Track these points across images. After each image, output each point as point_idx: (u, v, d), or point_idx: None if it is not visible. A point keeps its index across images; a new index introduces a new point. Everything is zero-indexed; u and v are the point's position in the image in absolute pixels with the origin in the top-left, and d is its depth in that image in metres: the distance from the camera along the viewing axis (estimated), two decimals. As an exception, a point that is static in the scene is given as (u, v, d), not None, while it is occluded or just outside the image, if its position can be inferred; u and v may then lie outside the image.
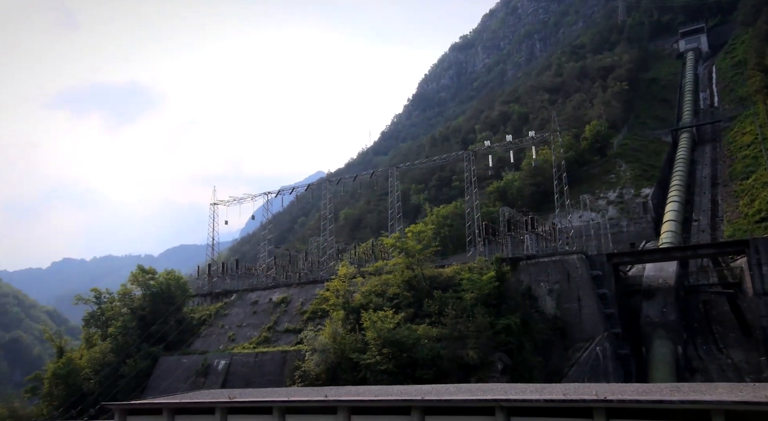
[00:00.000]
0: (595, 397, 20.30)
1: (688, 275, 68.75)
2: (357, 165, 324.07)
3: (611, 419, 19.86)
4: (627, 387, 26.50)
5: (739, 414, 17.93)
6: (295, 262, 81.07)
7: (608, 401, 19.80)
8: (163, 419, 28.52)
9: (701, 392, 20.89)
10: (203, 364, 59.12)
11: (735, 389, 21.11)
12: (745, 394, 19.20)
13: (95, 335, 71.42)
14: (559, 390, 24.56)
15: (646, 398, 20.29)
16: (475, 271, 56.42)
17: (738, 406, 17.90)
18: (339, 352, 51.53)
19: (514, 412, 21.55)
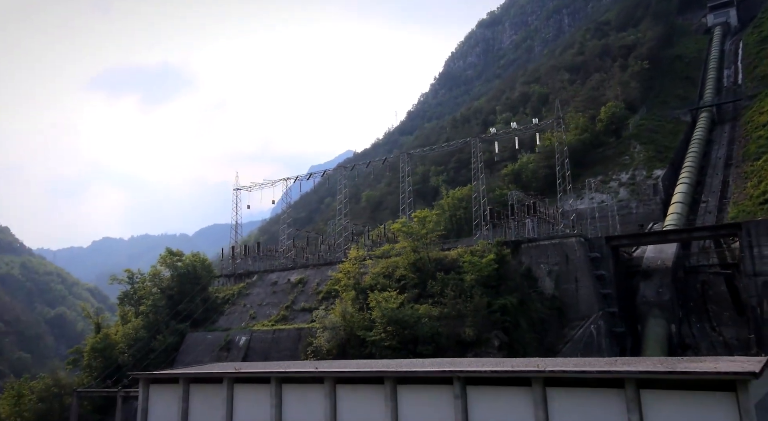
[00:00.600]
0: (533, 368, 23.76)
1: (690, 256, 70.83)
2: (383, 145, 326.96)
3: (547, 386, 23.32)
4: (569, 360, 29.79)
5: (647, 381, 21.23)
6: (313, 244, 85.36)
7: (541, 372, 23.23)
8: (179, 387, 33.04)
9: (629, 364, 24.17)
10: (226, 340, 64.06)
11: (657, 363, 24.30)
12: (659, 366, 22.43)
13: (129, 313, 77.06)
14: (509, 363, 28.06)
15: (572, 368, 23.65)
16: (476, 254, 59.68)
17: (642, 375, 21.18)
18: (348, 329, 55.58)
19: (469, 381, 25.17)
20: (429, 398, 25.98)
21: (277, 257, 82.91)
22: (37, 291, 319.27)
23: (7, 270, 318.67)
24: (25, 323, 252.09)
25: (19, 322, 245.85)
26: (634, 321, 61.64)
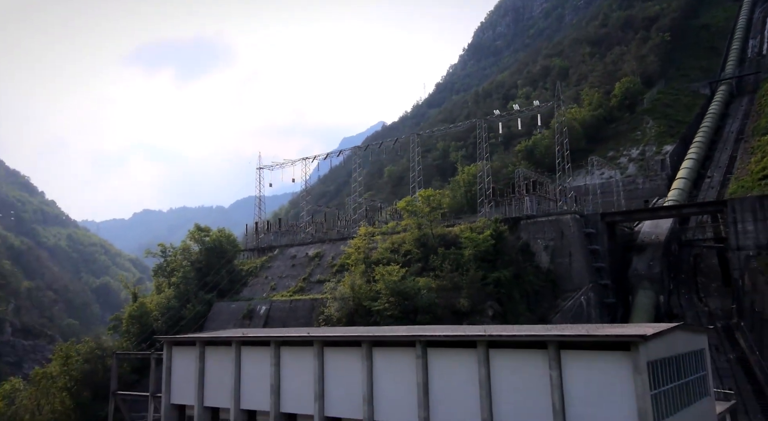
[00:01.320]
0: (479, 333, 28.39)
1: (686, 231, 73.82)
2: (410, 118, 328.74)
3: (490, 348, 27.96)
4: (513, 327, 34.27)
5: (565, 343, 25.65)
6: (331, 220, 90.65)
7: (484, 336, 27.80)
8: (196, 349, 38.78)
9: (558, 330, 28.55)
10: (248, 309, 70.24)
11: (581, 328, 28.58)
12: (580, 331, 26.81)
13: (163, 283, 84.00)
14: (462, 330, 32.67)
15: (508, 333, 28.19)
16: (476, 230, 64.11)
17: (560, 338, 25.57)
18: (356, 300, 60.82)
19: (429, 344, 29.96)
20: (397, 357, 30.89)
21: (297, 232, 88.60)
22: (82, 262, 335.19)
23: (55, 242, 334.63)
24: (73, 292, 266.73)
25: (67, 291, 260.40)
26: (626, 292, 65.50)
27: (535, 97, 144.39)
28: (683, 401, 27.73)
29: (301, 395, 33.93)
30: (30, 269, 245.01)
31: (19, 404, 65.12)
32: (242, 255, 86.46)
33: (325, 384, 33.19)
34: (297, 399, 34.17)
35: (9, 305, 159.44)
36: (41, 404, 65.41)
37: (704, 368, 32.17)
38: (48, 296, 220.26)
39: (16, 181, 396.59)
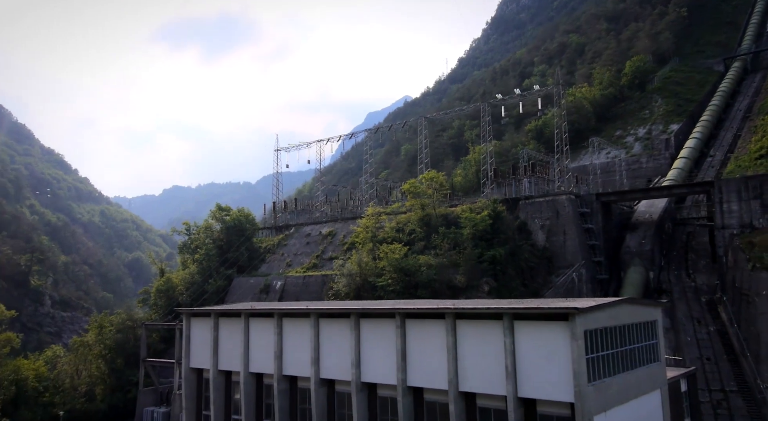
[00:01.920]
0: (447, 306, 32.65)
1: (682, 210, 76.57)
2: (432, 94, 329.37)
3: (457, 319, 32.23)
4: (480, 301, 38.38)
5: (516, 315, 29.77)
6: (345, 199, 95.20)
7: (449, 309, 32.04)
8: (211, 320, 43.91)
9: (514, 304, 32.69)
10: (265, 284, 75.61)
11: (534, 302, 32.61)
12: (531, 304, 30.90)
13: (188, 260, 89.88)
14: (435, 303, 36.94)
15: (470, 306, 32.36)
16: (475, 210, 68.06)
17: (512, 310, 29.69)
18: (363, 276, 65.50)
19: (407, 316, 34.35)
20: (380, 328, 35.34)
21: (312, 212, 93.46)
22: (115, 237, 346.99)
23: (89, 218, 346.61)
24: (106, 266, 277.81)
25: (101, 265, 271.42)
26: (619, 269, 69.01)
27: (551, 74, 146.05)
28: (625, 366, 31.77)
29: (300, 360, 38.81)
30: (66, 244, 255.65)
31: (60, 369, 71.87)
32: (261, 233, 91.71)
33: (320, 351, 37.99)
34: (297, 364, 39.08)
35: (48, 279, 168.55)
36: (79, 369, 72.14)
37: (655, 338, 36.04)
38: (84, 270, 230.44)
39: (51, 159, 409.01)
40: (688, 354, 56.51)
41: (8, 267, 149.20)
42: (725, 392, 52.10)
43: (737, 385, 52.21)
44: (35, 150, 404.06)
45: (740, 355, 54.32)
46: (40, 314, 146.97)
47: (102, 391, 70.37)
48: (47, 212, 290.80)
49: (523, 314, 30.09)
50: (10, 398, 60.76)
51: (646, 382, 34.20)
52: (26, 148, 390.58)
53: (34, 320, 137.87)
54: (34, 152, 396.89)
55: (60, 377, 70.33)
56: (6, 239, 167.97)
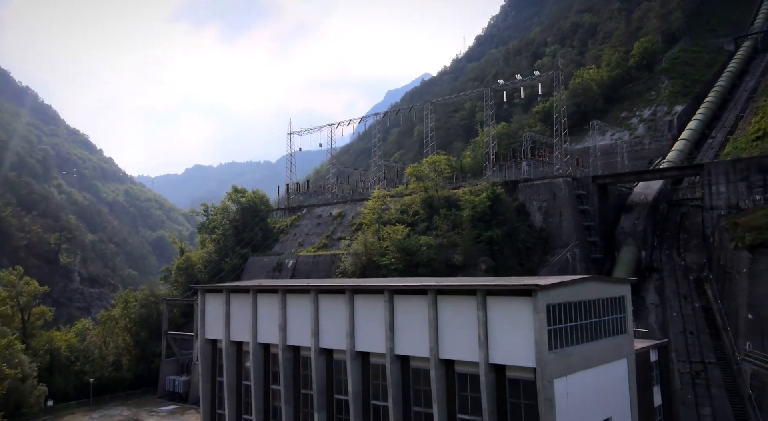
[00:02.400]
0: (429, 283, 36.40)
1: (678, 191, 79.01)
2: (449, 73, 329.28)
3: (438, 294, 35.98)
4: (461, 279, 42.00)
5: (488, 291, 33.42)
6: (355, 181, 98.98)
7: (431, 285, 35.78)
8: (223, 295, 48.33)
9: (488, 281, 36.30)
10: (278, 262, 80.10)
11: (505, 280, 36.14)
12: (501, 282, 34.51)
13: (207, 239, 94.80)
14: (419, 281, 40.70)
15: (449, 283, 36.04)
16: (475, 193, 71.43)
17: (484, 286, 33.36)
18: (368, 255, 69.56)
19: (395, 292, 38.17)
20: (371, 302, 39.21)
21: (324, 193, 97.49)
22: (140, 216, 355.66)
23: (114, 197, 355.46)
24: (132, 244, 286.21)
25: (126, 243, 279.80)
26: (614, 248, 72.03)
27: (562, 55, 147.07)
28: (588, 336, 35.35)
29: (302, 332, 43.02)
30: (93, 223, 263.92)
31: (89, 341, 77.57)
32: (275, 214, 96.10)
33: (319, 323, 42.14)
34: (299, 335, 43.29)
35: (76, 257, 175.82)
36: (107, 341, 77.78)
37: (623, 312, 39.43)
38: (110, 248, 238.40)
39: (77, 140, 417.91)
40: (672, 328, 59.84)
41: (39, 245, 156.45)
42: (704, 363, 55.47)
43: (716, 357, 55.52)
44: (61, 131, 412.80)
45: (721, 329, 57.46)
46: (69, 289, 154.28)
47: (128, 361, 75.99)
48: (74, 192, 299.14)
49: (493, 290, 33.76)
50: (45, 365, 66.38)
51: (611, 351, 37.76)
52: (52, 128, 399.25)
53: (64, 296, 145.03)
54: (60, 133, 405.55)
55: (89, 348, 76.02)
56: (36, 218, 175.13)
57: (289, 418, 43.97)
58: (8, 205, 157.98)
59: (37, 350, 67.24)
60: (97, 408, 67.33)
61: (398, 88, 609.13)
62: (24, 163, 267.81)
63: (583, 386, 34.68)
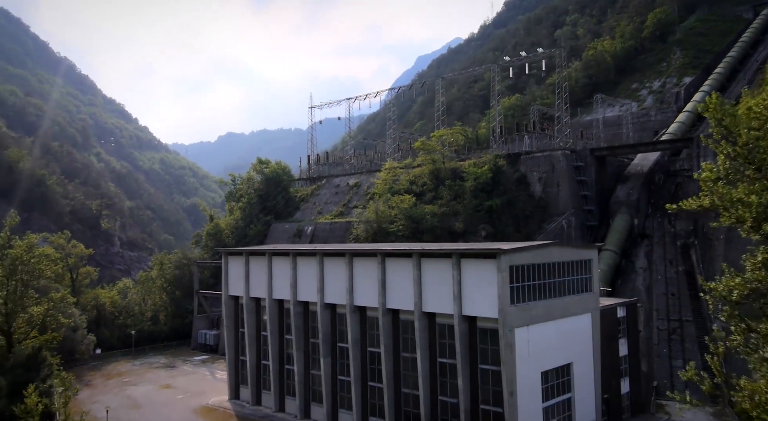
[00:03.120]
0: (414, 248, 42.22)
1: (676, 162, 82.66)
2: (477, 40, 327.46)
3: (422, 257, 41.86)
4: (438, 245, 47.71)
5: (462, 254, 39.15)
6: (372, 152, 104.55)
7: (414, 249, 41.61)
8: (243, 258, 55.08)
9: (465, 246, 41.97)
10: (298, 229, 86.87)
11: (476, 245, 41.70)
12: (474, 246, 40.13)
13: (234, 207, 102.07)
14: (407, 245, 46.52)
15: (429, 247, 41.81)
16: (478, 165, 76.51)
17: (457, 251, 39.09)
18: (378, 223, 75.62)
19: (387, 255, 44.17)
20: (367, 264, 45.29)
21: (342, 164, 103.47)
22: (174, 183, 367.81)
23: (150, 165, 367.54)
24: (167, 211, 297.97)
25: (162, 210, 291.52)
26: (608, 217, 76.62)
27: (582, 24, 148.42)
28: (551, 293, 40.98)
29: (310, 289, 49.58)
30: (130, 190, 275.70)
31: (130, 298, 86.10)
32: (297, 183, 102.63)
33: (324, 282, 48.59)
34: (308, 292, 49.87)
35: (116, 222, 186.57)
36: (145, 298, 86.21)
37: (588, 273, 44.85)
38: (147, 214, 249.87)
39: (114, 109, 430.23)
40: (656, 290, 64.89)
41: (82, 211, 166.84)
42: (681, 321, 60.61)
43: (693, 316, 60.57)
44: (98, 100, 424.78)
45: (701, 291, 62.19)
46: (111, 253, 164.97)
47: (164, 316, 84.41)
48: (112, 160, 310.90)
49: (466, 254, 39.56)
50: (93, 319, 74.92)
51: (575, 306, 43.40)
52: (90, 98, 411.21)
53: (106, 259, 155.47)
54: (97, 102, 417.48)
55: (130, 305, 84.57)
56: (78, 185, 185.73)
57: (300, 363, 50.96)
58: (53, 173, 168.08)
59: (85, 306, 75.71)
60: (138, 357, 75.94)
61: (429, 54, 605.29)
62: (65, 133, 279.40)
63: (544, 334, 40.50)
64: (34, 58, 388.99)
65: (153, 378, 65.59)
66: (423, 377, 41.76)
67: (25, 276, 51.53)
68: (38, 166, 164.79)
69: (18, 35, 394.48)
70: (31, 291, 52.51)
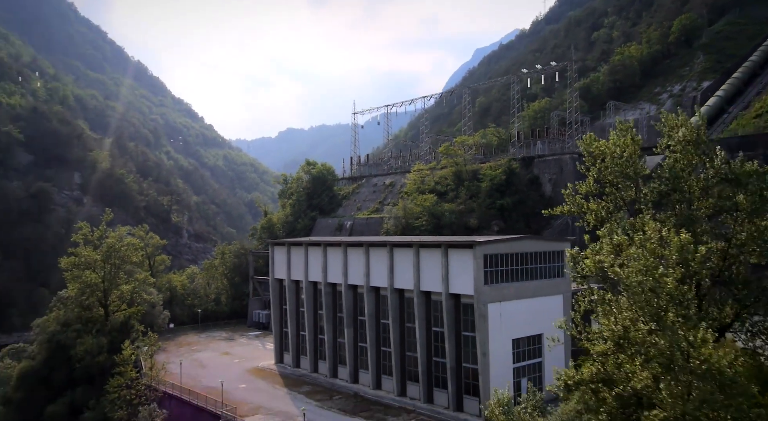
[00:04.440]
0: (414, 240, 53.02)
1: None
2: (528, 36, 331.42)
3: (420, 248, 52.67)
4: (433, 238, 57.98)
5: (449, 245, 49.78)
6: (407, 152, 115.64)
7: (415, 241, 52.52)
8: (285, 248, 67.24)
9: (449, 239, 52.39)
10: (339, 223, 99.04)
11: (462, 239, 52.00)
12: (458, 239, 50.57)
13: (286, 203, 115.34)
14: (410, 239, 57.25)
15: (429, 240, 52.50)
16: (494, 168, 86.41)
17: (446, 242, 49.70)
18: (406, 219, 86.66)
19: (394, 245, 55.20)
20: (380, 253, 56.41)
21: (381, 165, 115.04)
22: (237, 179, 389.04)
23: (214, 162, 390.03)
24: (230, 205, 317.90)
25: (226, 204, 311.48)
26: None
27: (618, 27, 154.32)
28: (523, 277, 51.15)
29: (336, 272, 61.27)
30: (196, 186, 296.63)
31: (196, 283, 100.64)
32: (340, 182, 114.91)
33: (347, 267, 60.20)
34: (335, 274, 61.56)
35: (185, 216, 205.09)
36: (209, 283, 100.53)
37: (561, 261, 54.63)
38: (211, 209, 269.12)
39: (182, 109, 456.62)
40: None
41: (155, 206, 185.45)
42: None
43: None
44: (168, 101, 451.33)
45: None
46: (180, 244, 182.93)
47: (225, 298, 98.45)
48: (180, 157, 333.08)
49: (452, 245, 50.32)
50: (167, 299, 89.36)
51: (548, 288, 53.34)
52: (160, 99, 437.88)
53: (176, 249, 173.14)
54: (167, 103, 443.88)
55: (197, 288, 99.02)
56: (152, 183, 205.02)
57: (329, 333, 62.87)
58: (130, 172, 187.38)
59: (161, 287, 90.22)
60: (203, 331, 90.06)
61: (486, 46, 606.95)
62: (139, 133, 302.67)
63: (516, 309, 50.79)
64: (111, 62, 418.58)
65: (215, 347, 79.25)
66: (420, 342, 52.82)
67: (117, 261, 65.77)
68: (117, 166, 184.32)
69: (97, 42, 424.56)
70: (122, 273, 66.73)
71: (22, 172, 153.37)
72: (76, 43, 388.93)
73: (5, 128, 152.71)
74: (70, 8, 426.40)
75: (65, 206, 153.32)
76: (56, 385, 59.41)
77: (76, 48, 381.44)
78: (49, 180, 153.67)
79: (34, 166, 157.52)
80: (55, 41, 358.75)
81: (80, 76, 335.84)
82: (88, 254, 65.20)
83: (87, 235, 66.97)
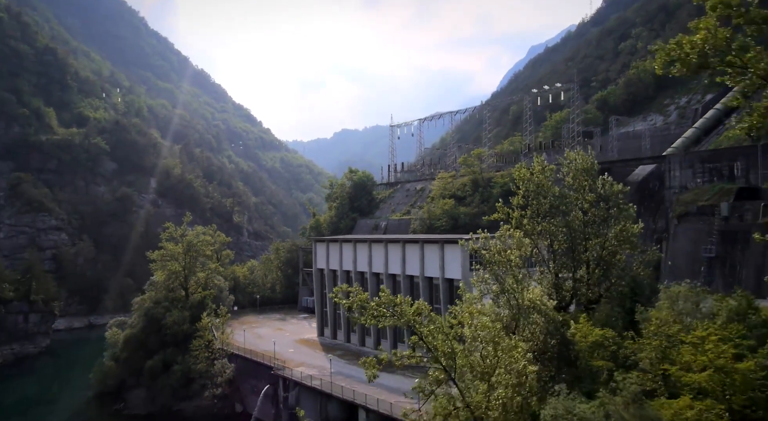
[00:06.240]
0: (420, 237, 68.01)
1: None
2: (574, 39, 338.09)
3: (424, 243, 67.76)
4: (435, 236, 72.74)
5: (444, 242, 64.59)
6: (437, 160, 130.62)
7: (419, 238, 67.47)
8: (325, 244, 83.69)
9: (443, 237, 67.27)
10: (375, 224, 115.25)
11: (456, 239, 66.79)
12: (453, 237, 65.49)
13: (331, 206, 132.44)
14: (421, 236, 72.32)
15: (431, 238, 67.35)
16: (505, 176, 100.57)
17: (441, 240, 64.48)
18: (430, 220, 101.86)
19: (406, 242, 70.50)
20: (396, 247, 71.93)
21: (414, 172, 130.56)
22: (293, 180, 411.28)
23: (272, 164, 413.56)
24: (286, 205, 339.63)
25: (282, 205, 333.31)
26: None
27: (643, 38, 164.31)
28: (502, 267, 65.94)
29: (364, 262, 77.27)
30: (255, 188, 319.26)
31: (255, 274, 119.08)
32: (379, 187, 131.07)
33: (371, 258, 76.18)
34: (363, 264, 77.64)
35: (245, 217, 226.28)
36: (266, 274, 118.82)
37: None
38: (269, 209, 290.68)
39: (242, 114, 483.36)
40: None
41: (219, 208, 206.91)
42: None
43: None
44: (228, 106, 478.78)
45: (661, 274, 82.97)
46: (241, 242, 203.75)
47: (279, 287, 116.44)
48: (240, 161, 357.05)
49: (447, 241, 65.65)
50: (231, 286, 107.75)
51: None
52: (222, 105, 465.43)
53: (237, 246, 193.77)
54: (228, 108, 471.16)
55: (255, 278, 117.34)
56: (216, 186, 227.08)
57: (359, 311, 79.10)
58: (197, 177, 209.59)
59: (227, 277, 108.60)
60: (261, 313, 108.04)
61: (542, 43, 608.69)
62: (203, 139, 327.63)
63: (497, 292, 65.49)
64: (178, 71, 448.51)
65: (270, 325, 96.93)
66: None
67: (194, 253, 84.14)
68: (186, 171, 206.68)
69: (165, 53, 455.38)
70: (198, 263, 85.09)
71: (108, 179, 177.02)
72: (147, 54, 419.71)
73: (94, 140, 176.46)
74: (141, 22, 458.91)
75: (144, 208, 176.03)
76: (151, 347, 78.29)
77: (146, 59, 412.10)
78: (130, 185, 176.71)
79: (118, 173, 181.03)
80: (128, 54, 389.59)
81: (151, 86, 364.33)
82: (172, 248, 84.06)
83: (172, 233, 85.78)
